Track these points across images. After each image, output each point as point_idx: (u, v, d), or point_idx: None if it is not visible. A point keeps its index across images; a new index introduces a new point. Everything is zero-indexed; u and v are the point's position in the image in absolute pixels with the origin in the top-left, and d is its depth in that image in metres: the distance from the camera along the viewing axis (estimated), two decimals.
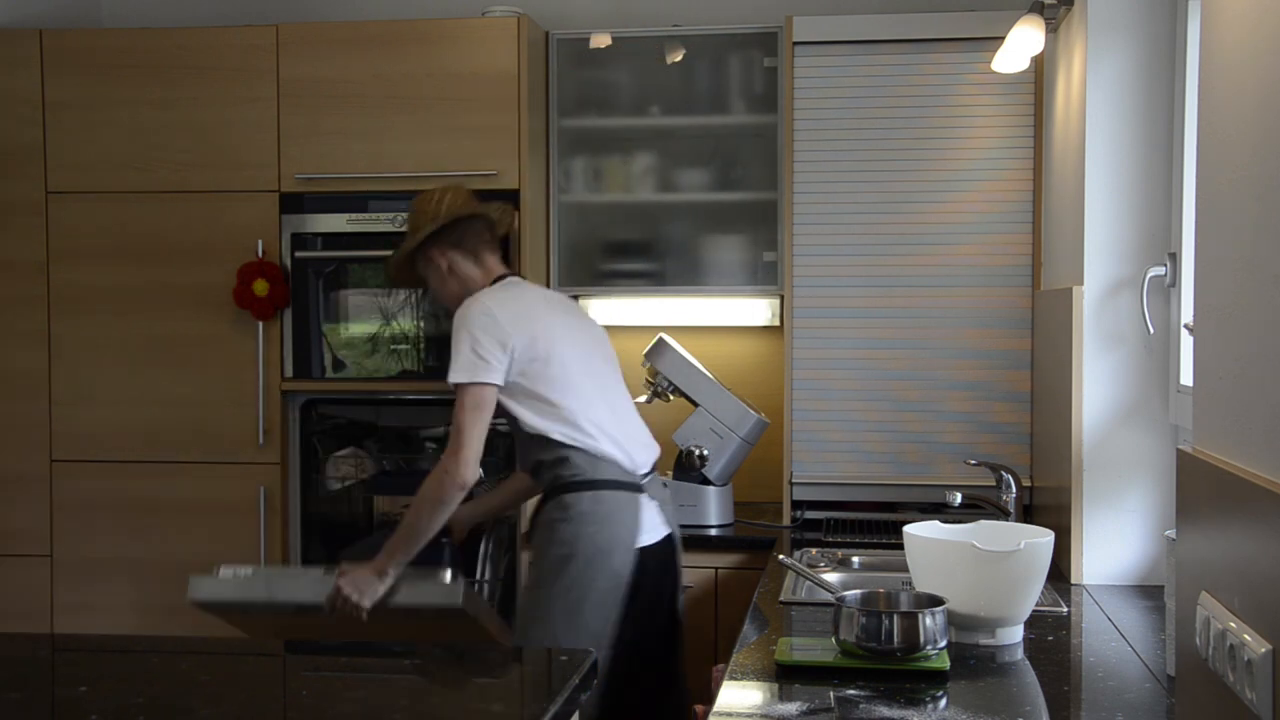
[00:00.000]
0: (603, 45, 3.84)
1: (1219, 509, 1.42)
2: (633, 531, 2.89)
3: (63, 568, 3.77)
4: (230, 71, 3.66)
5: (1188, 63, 2.72)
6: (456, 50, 3.60)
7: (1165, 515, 2.75)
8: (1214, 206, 1.51)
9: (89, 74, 3.70)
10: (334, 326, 3.72)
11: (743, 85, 3.83)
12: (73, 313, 3.74)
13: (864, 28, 3.58)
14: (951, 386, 3.56)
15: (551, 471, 2.90)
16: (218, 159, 3.68)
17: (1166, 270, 2.74)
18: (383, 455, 3.88)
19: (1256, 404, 1.33)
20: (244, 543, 3.69)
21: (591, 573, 2.83)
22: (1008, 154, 3.53)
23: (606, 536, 2.85)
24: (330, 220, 3.67)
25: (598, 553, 2.84)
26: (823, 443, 3.61)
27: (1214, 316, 1.50)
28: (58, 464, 3.76)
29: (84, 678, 1.86)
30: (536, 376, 2.88)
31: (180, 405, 3.71)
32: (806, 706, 1.94)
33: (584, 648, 2.80)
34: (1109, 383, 2.83)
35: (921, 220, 3.56)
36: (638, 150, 3.88)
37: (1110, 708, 1.97)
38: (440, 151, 3.60)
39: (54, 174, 3.73)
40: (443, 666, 2.12)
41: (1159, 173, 2.80)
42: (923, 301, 3.56)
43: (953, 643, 2.22)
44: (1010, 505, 3.11)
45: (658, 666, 3.01)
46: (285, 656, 2.30)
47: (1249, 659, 1.28)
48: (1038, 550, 2.28)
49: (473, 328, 2.86)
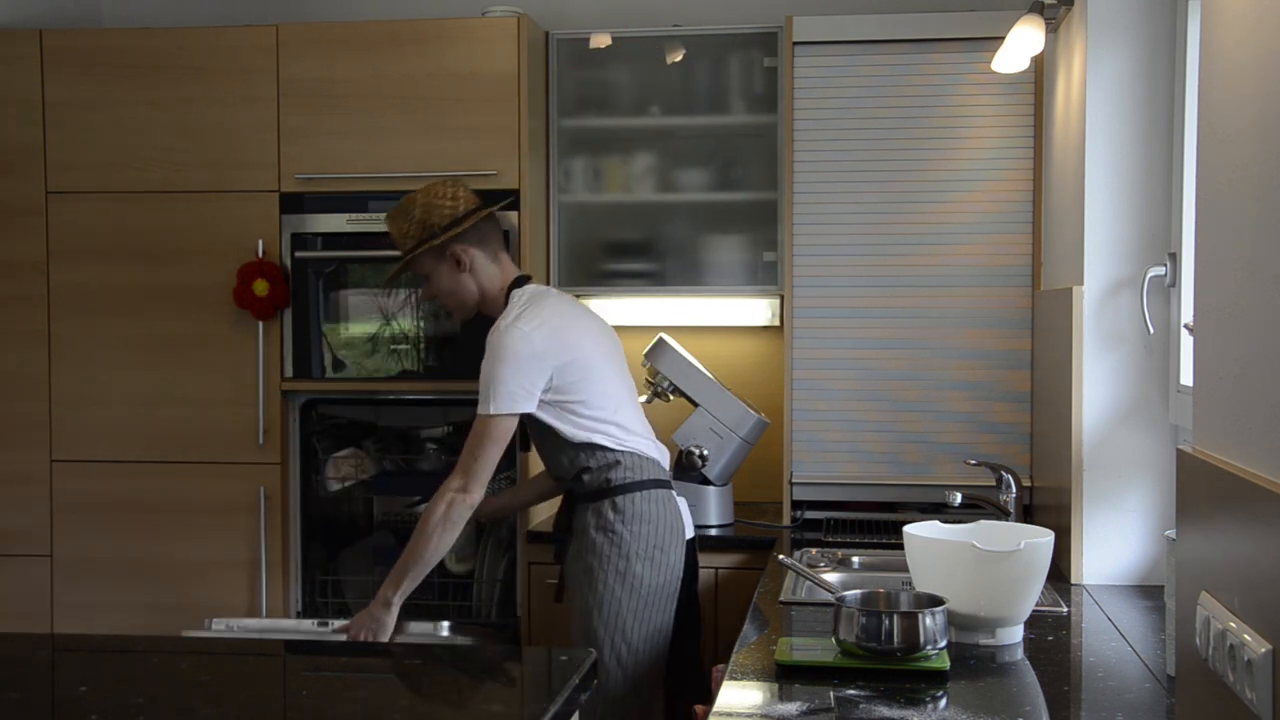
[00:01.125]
0: (603, 45, 3.84)
1: (1219, 509, 1.42)
2: (679, 527, 2.99)
3: (63, 568, 3.77)
4: (230, 71, 3.66)
5: (1188, 63, 2.72)
6: (456, 50, 3.60)
7: (1165, 515, 2.75)
8: (1214, 206, 1.51)
9: (89, 74, 3.70)
10: (334, 326, 3.72)
11: (743, 85, 3.82)
12: (73, 313, 3.74)
13: (864, 28, 3.58)
14: (951, 386, 3.56)
15: (601, 475, 2.94)
16: (218, 159, 3.68)
17: (1166, 270, 2.73)
18: (383, 455, 3.88)
19: (1256, 404, 1.33)
20: (244, 543, 3.69)
21: (654, 570, 2.91)
22: (1008, 154, 3.53)
23: (661, 533, 2.93)
24: (330, 220, 3.67)
25: (657, 550, 2.92)
26: (823, 443, 3.61)
27: (1214, 316, 1.50)
28: (58, 464, 3.76)
29: (84, 678, 1.86)
30: (577, 390, 2.91)
31: (180, 405, 3.71)
32: (806, 706, 1.94)
33: (653, 645, 2.83)
34: (1109, 383, 2.83)
35: (921, 220, 3.56)
36: (638, 150, 3.88)
37: (1110, 708, 1.97)
38: (440, 151, 3.60)
39: (54, 174, 3.73)
40: (443, 666, 2.12)
41: (1159, 173, 2.80)
42: (923, 301, 3.56)
43: (953, 643, 2.22)
44: (1010, 505, 3.11)
45: (684, 654, 3.06)
46: (285, 656, 2.30)
47: (1249, 659, 1.28)
48: (1038, 550, 2.28)
49: (517, 358, 2.84)
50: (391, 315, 3.68)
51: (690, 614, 3.07)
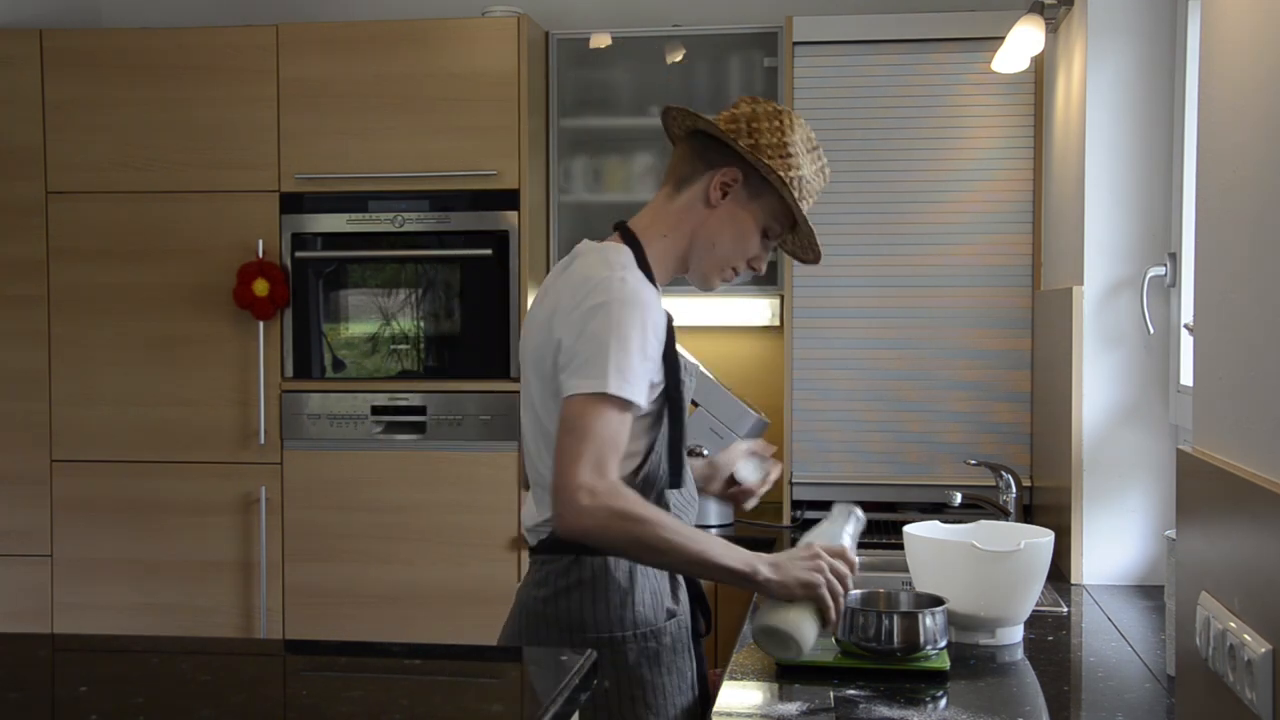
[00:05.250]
0: (603, 45, 3.84)
1: (1219, 509, 1.42)
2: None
3: (63, 568, 3.77)
4: (230, 71, 3.66)
5: (1188, 63, 2.72)
6: (456, 50, 3.60)
7: (1165, 515, 2.75)
8: (1214, 206, 1.51)
9: (89, 74, 3.70)
10: (334, 326, 3.72)
11: (743, 85, 3.82)
12: (73, 313, 3.74)
13: (864, 28, 3.58)
14: (951, 386, 3.56)
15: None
16: (218, 159, 3.68)
17: (1166, 270, 2.73)
18: None
19: (1256, 404, 1.33)
20: (244, 543, 3.69)
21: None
22: (1008, 154, 3.53)
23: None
24: (330, 220, 3.67)
25: None
26: (823, 443, 3.61)
27: (1214, 316, 1.50)
28: (58, 464, 3.76)
29: (84, 678, 1.86)
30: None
31: (180, 405, 3.72)
32: (806, 706, 1.94)
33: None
34: (1109, 383, 2.83)
35: (921, 220, 3.56)
36: (638, 150, 3.88)
37: (1110, 708, 1.97)
38: (440, 151, 3.60)
39: (54, 174, 3.73)
40: (443, 666, 2.11)
41: (1159, 173, 2.80)
42: (923, 301, 3.56)
43: (953, 643, 2.22)
44: (1010, 505, 3.11)
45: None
46: (285, 656, 2.30)
47: (1249, 659, 1.28)
48: (1038, 550, 2.28)
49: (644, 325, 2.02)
50: (391, 315, 3.68)
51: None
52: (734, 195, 2.13)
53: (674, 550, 1.94)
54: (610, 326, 1.95)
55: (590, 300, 1.98)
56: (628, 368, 1.95)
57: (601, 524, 1.91)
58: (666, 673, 2.11)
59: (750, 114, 2.12)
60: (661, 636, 2.10)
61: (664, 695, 2.10)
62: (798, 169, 2.11)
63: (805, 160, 2.14)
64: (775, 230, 2.19)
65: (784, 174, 2.09)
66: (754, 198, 2.13)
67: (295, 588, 3.71)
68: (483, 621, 2.89)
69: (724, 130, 2.10)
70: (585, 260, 2.09)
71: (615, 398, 1.93)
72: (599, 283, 2.00)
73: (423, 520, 3.66)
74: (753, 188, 2.13)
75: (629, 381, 1.95)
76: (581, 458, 1.91)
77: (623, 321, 1.96)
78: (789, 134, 2.11)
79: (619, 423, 1.95)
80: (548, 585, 2.11)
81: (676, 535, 1.94)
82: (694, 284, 2.22)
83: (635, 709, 2.07)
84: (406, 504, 3.67)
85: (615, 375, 1.93)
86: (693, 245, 2.15)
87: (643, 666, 2.09)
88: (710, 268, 2.18)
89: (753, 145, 2.09)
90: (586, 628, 2.07)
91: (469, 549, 3.65)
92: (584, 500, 1.90)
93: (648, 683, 2.09)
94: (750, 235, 2.16)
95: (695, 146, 2.16)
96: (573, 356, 1.97)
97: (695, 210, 2.14)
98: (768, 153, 2.08)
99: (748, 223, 2.15)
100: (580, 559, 2.09)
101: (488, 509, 3.61)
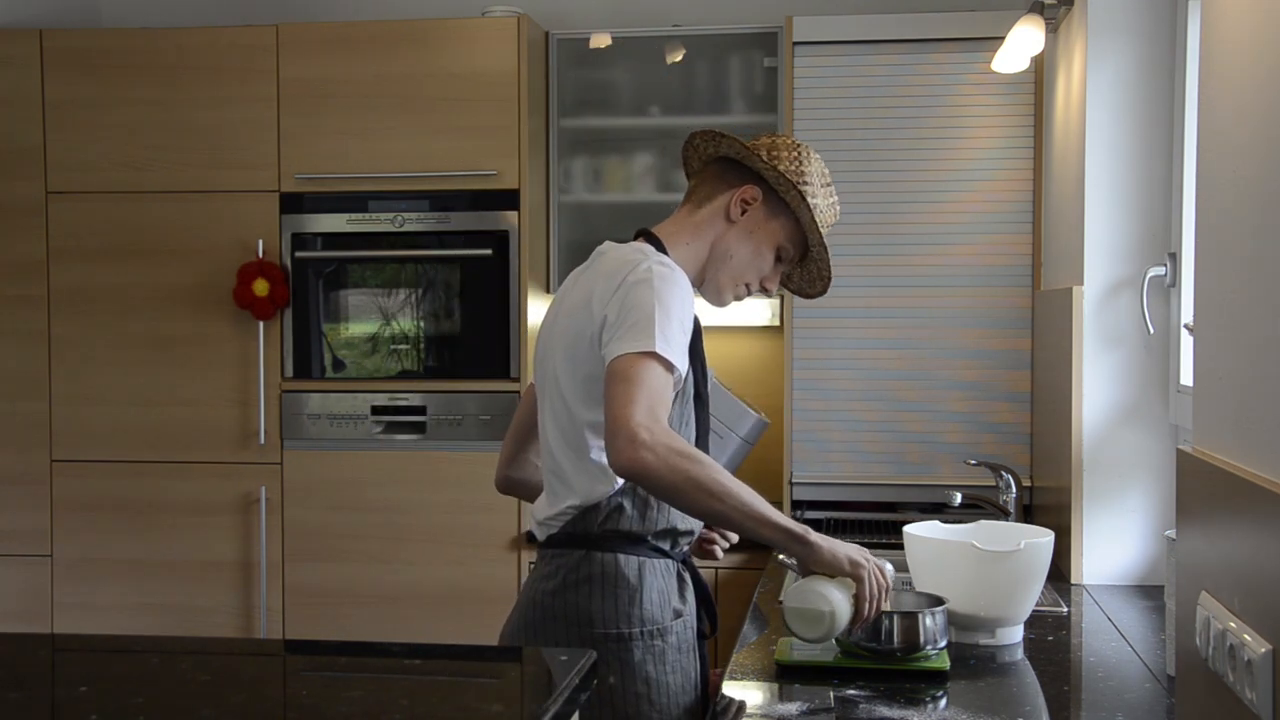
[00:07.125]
0: (603, 45, 3.84)
1: (1219, 509, 1.42)
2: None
3: (63, 568, 3.77)
4: (230, 71, 3.66)
5: (1188, 63, 2.72)
6: (456, 50, 3.61)
7: (1165, 515, 2.75)
8: (1214, 206, 1.51)
9: (89, 74, 3.70)
10: (334, 326, 3.72)
11: (743, 85, 3.82)
12: (73, 313, 3.74)
13: (864, 28, 3.58)
14: (951, 386, 3.56)
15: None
16: (218, 159, 3.68)
17: (1166, 270, 2.74)
18: None
19: (1256, 404, 1.33)
20: (244, 543, 3.69)
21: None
22: (1008, 154, 3.53)
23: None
24: (330, 220, 3.67)
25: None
26: (823, 443, 3.61)
27: (1214, 316, 1.50)
28: (58, 464, 3.76)
29: (84, 678, 1.86)
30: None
31: (180, 405, 3.72)
32: (806, 706, 1.94)
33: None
34: (1109, 383, 2.83)
35: (921, 220, 3.56)
36: (638, 150, 3.88)
37: (1110, 708, 1.97)
38: (440, 151, 3.60)
39: (54, 174, 3.73)
40: (443, 666, 2.11)
41: (1159, 173, 2.80)
42: (923, 301, 3.56)
43: (953, 643, 2.22)
44: (1010, 505, 3.11)
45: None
46: (285, 656, 2.30)
47: (1249, 659, 1.28)
48: (1038, 550, 2.28)
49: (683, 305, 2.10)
50: (391, 315, 3.68)
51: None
52: (753, 212, 2.21)
53: (729, 495, 1.93)
54: (654, 298, 2.01)
55: (632, 277, 2.05)
56: (671, 335, 2.01)
57: (662, 459, 1.89)
58: (671, 671, 2.11)
59: (771, 144, 2.22)
60: (667, 635, 2.11)
61: (668, 694, 2.11)
62: (813, 197, 2.20)
63: (820, 193, 2.22)
64: (789, 253, 2.27)
65: (801, 196, 2.18)
66: (772, 217, 2.22)
67: (295, 588, 3.72)
68: (483, 621, 2.89)
69: (746, 149, 2.19)
70: (617, 252, 2.16)
71: (661, 358, 1.97)
72: (637, 264, 2.07)
73: (423, 520, 3.66)
74: (771, 207, 2.21)
75: (673, 347, 2.01)
76: (635, 402, 1.92)
77: (664, 295, 2.03)
78: (806, 165, 2.21)
79: (664, 381, 1.99)
80: (557, 578, 2.12)
81: (732, 482, 1.94)
82: (706, 298, 2.29)
83: (640, 706, 2.08)
84: (406, 504, 3.67)
85: (661, 338, 1.98)
86: (711, 256, 2.24)
87: (648, 664, 2.09)
88: (725, 280, 2.27)
89: (773, 168, 2.17)
90: (594, 622, 2.08)
91: (469, 549, 3.65)
92: (643, 435, 1.89)
93: (653, 680, 2.09)
94: (766, 252, 2.24)
95: (716, 170, 2.26)
96: (618, 326, 2.02)
97: (716, 223, 2.23)
98: (787, 176, 2.17)
99: (764, 240, 2.23)
100: (591, 554, 2.10)
101: (488, 509, 3.61)
